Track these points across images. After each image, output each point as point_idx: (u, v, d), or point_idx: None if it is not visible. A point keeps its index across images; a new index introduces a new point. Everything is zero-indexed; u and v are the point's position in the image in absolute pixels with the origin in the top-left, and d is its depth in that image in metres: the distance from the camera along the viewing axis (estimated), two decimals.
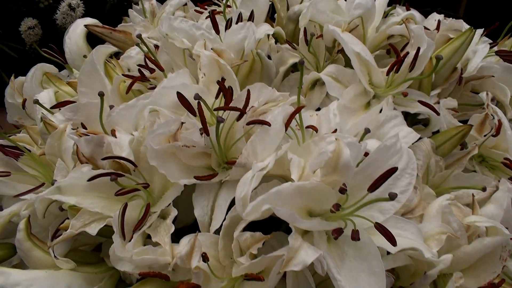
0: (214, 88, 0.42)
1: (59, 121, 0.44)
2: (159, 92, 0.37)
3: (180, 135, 0.34)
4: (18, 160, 0.43)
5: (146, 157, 0.38)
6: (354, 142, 0.32)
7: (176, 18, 0.44)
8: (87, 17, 0.64)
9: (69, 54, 0.62)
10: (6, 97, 0.59)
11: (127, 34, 0.59)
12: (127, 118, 0.41)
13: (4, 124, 0.83)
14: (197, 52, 0.42)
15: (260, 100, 0.36)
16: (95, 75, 0.49)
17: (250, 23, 0.42)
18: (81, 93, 0.50)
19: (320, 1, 0.50)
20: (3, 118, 0.84)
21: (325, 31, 0.47)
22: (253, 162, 0.34)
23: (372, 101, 0.46)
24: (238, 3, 0.54)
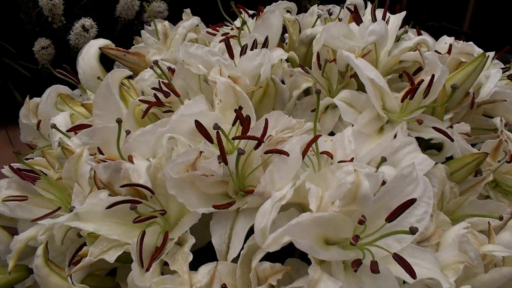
0: (229, 114, 0.42)
1: (75, 145, 0.45)
2: (177, 120, 0.38)
3: (199, 164, 0.34)
4: (34, 184, 0.44)
5: (162, 183, 0.39)
6: (372, 173, 0.33)
7: (192, 45, 0.44)
8: (100, 38, 0.65)
9: (83, 74, 0.63)
10: (20, 118, 0.59)
11: (140, 56, 0.59)
12: (143, 144, 0.42)
13: (16, 142, 0.84)
14: (213, 79, 0.42)
15: (277, 129, 0.37)
16: (110, 98, 0.50)
17: (266, 50, 0.43)
18: (96, 116, 0.50)
19: (333, 26, 0.50)
20: (15, 135, 0.85)
21: (339, 56, 0.48)
22: (271, 191, 0.35)
23: (385, 126, 0.47)
24: (251, 27, 0.55)
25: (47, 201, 0.44)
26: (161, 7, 0.85)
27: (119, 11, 0.78)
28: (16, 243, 0.41)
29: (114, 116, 0.50)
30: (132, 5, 0.77)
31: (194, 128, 0.38)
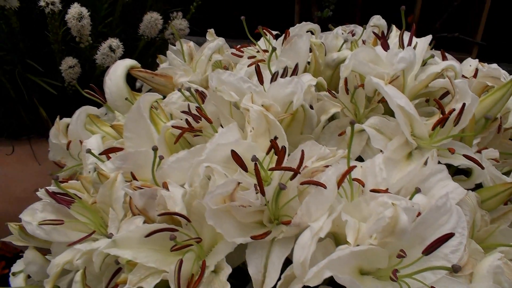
0: (261, 141, 0.43)
1: (109, 169, 0.46)
2: (213, 149, 0.38)
3: (237, 195, 0.35)
4: (70, 207, 0.45)
5: (197, 210, 0.39)
6: (410, 207, 0.33)
7: (224, 72, 0.45)
8: (126, 59, 0.67)
9: (109, 94, 0.64)
10: (50, 138, 0.60)
11: (167, 78, 0.61)
12: (178, 171, 0.43)
13: (39, 156, 0.86)
14: (245, 106, 0.43)
15: (313, 160, 0.37)
16: (141, 121, 0.51)
17: (298, 78, 0.43)
18: (127, 139, 0.51)
19: (361, 51, 0.51)
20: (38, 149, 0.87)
21: (367, 82, 0.48)
22: (307, 222, 0.35)
23: (414, 152, 0.47)
24: (278, 52, 0.56)
25: (82, 224, 0.45)
26: (182, 24, 0.86)
27: (142, 29, 0.79)
28: (53, 267, 0.42)
29: (144, 139, 0.51)
30: (156, 24, 0.78)
31: (228, 157, 0.39)
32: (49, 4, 0.64)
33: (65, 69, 0.69)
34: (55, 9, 0.65)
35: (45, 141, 0.85)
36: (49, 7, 0.64)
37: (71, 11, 0.64)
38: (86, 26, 0.65)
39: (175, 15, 0.90)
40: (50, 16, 0.66)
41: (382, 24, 0.65)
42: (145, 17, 0.79)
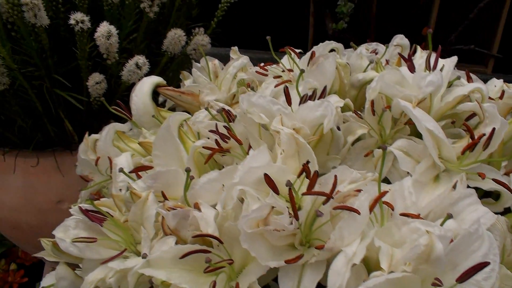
0: (291, 162, 0.44)
1: (140, 188, 0.47)
2: (246, 172, 0.39)
3: (271, 219, 0.36)
4: (102, 225, 0.46)
5: (229, 232, 0.40)
6: (444, 235, 0.33)
7: (254, 94, 0.46)
8: (152, 76, 0.68)
9: (136, 111, 0.66)
10: (79, 153, 0.62)
11: (194, 96, 0.62)
12: (209, 192, 0.44)
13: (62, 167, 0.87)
14: (275, 128, 0.44)
15: (345, 184, 0.38)
16: (169, 140, 0.52)
17: (328, 102, 0.44)
18: (155, 157, 0.53)
19: (387, 73, 0.51)
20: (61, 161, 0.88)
21: (395, 104, 0.49)
22: (339, 246, 0.36)
23: (441, 174, 0.47)
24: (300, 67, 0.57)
25: (113, 242, 0.46)
26: (204, 40, 0.88)
27: (166, 46, 0.81)
28: (87, 285, 0.43)
29: (173, 158, 0.52)
30: (179, 40, 0.79)
31: (260, 179, 0.40)
32: (79, 22, 0.66)
33: (92, 84, 0.71)
34: (84, 27, 0.66)
35: (69, 154, 0.87)
36: (78, 25, 0.66)
37: (100, 30, 0.65)
38: (114, 44, 0.67)
39: (197, 31, 0.92)
40: (79, 34, 0.68)
41: (405, 43, 0.66)
42: (169, 33, 0.80)
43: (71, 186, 0.88)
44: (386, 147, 0.39)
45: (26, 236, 0.93)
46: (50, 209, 0.89)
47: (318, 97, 0.49)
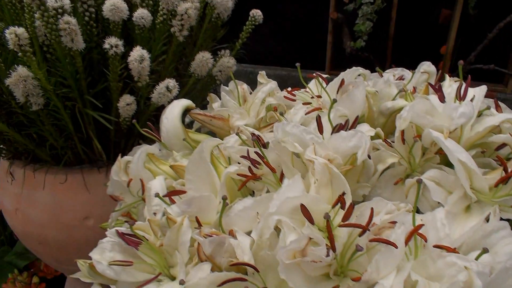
0: (324, 192, 0.45)
1: (175, 213, 0.48)
2: (283, 202, 0.40)
3: (309, 250, 0.36)
4: (138, 249, 0.47)
5: (264, 260, 0.41)
6: (483, 271, 0.34)
7: (288, 123, 0.47)
8: (182, 99, 0.70)
9: (166, 133, 0.67)
10: (111, 174, 0.63)
11: (224, 121, 0.63)
12: (244, 219, 0.45)
13: (89, 185, 0.89)
14: (309, 158, 0.45)
15: (380, 216, 0.38)
16: (202, 165, 0.53)
17: (362, 133, 0.45)
18: (188, 181, 0.54)
19: (417, 103, 0.52)
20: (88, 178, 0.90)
21: (426, 134, 0.49)
22: (375, 279, 0.36)
23: (472, 205, 0.47)
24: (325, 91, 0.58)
25: (148, 265, 0.47)
26: (230, 62, 0.90)
27: (193, 68, 0.83)
28: None
29: (205, 182, 0.53)
30: (207, 63, 0.81)
31: (295, 208, 0.41)
32: (113, 46, 0.68)
33: (122, 106, 0.73)
34: (118, 51, 0.69)
35: (95, 171, 0.89)
36: (112, 49, 0.68)
37: (133, 54, 0.68)
38: (146, 68, 0.69)
39: (222, 53, 0.94)
40: (112, 57, 0.70)
41: (432, 70, 0.67)
42: (197, 56, 0.82)
43: (97, 203, 0.90)
44: (422, 180, 0.40)
45: (52, 251, 0.95)
46: (76, 225, 0.91)
47: (350, 126, 0.50)
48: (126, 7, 0.73)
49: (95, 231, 0.92)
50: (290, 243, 0.36)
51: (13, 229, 0.99)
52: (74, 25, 0.67)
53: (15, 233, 1.00)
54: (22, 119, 0.80)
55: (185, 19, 0.77)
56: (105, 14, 0.72)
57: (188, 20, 0.77)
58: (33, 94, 0.72)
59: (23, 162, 0.89)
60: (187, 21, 0.77)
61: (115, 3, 0.71)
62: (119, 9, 0.71)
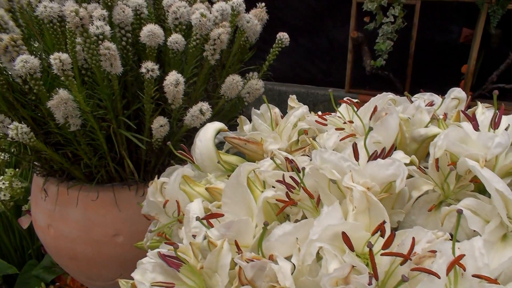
0: (362, 218, 0.46)
1: (214, 236, 0.50)
2: (324, 229, 0.41)
3: (351, 278, 0.37)
4: (179, 270, 0.48)
5: (304, 286, 0.42)
6: None
7: (326, 151, 0.49)
8: (215, 122, 0.72)
9: (199, 155, 0.69)
10: (148, 195, 0.65)
11: (258, 145, 0.65)
12: (284, 244, 0.46)
13: (120, 202, 0.91)
14: (347, 185, 0.46)
15: (421, 245, 0.39)
16: (239, 189, 0.55)
17: (400, 162, 0.46)
18: (224, 204, 0.55)
19: (451, 131, 0.53)
20: (119, 195, 0.92)
21: (461, 163, 0.50)
22: None
23: (509, 234, 0.48)
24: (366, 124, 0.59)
25: (188, 287, 0.49)
26: (258, 84, 0.92)
27: (223, 90, 0.85)
28: None
29: (241, 206, 0.55)
30: (237, 85, 0.84)
31: (334, 235, 0.42)
32: (149, 71, 0.71)
33: (156, 127, 0.75)
34: (154, 75, 0.71)
35: (126, 189, 0.92)
36: (149, 73, 0.71)
37: (169, 78, 0.70)
38: (180, 91, 0.71)
39: (251, 75, 0.96)
40: (147, 81, 0.72)
41: (462, 96, 0.68)
42: (227, 79, 0.84)
43: (127, 220, 0.92)
44: (462, 210, 0.41)
45: (81, 266, 0.97)
46: (106, 242, 0.93)
47: (385, 154, 0.51)
48: (162, 33, 0.76)
49: (124, 247, 0.94)
50: (334, 271, 0.37)
51: (44, 244, 1.02)
52: (114, 51, 0.70)
53: (46, 248, 1.02)
54: (59, 139, 0.83)
55: (218, 44, 0.79)
56: (143, 39, 0.75)
57: (221, 45, 0.80)
58: (72, 115, 0.75)
59: (57, 180, 0.92)
60: (219, 46, 0.80)
61: (152, 29, 0.74)
62: (155, 34, 0.74)
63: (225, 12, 0.86)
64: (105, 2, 0.75)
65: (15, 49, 0.70)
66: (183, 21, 0.82)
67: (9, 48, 0.70)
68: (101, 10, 0.74)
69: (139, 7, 0.80)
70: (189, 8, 0.85)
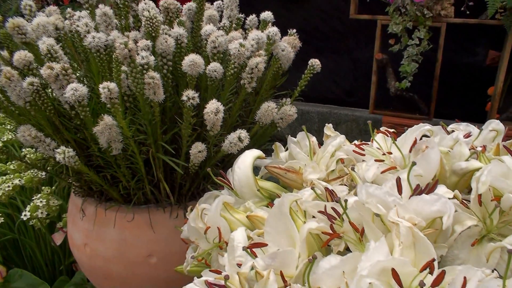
0: (407, 253, 0.46)
1: (260, 266, 0.51)
2: (374, 265, 0.42)
3: None
4: None
5: None
6: None
7: (371, 185, 0.50)
8: (254, 149, 0.74)
9: (238, 181, 0.71)
10: (189, 221, 0.67)
11: (298, 175, 0.66)
12: (330, 277, 0.47)
13: (155, 225, 0.93)
14: (393, 220, 0.47)
15: (472, 285, 0.40)
16: (282, 219, 0.56)
17: (446, 198, 0.47)
18: (267, 233, 0.57)
19: (494, 166, 0.53)
20: (154, 218, 0.95)
21: (505, 199, 0.51)
22: None
23: None
24: (409, 157, 0.60)
25: None
26: (291, 111, 0.94)
27: (258, 116, 0.87)
28: None
29: (284, 236, 0.56)
30: (272, 112, 0.86)
31: (382, 270, 0.43)
32: (190, 99, 0.74)
33: (194, 153, 0.77)
34: (194, 103, 0.74)
35: (161, 211, 0.94)
36: (189, 101, 0.74)
37: (209, 107, 0.72)
38: (220, 119, 0.73)
39: (284, 101, 0.98)
40: (187, 108, 0.75)
41: (500, 128, 0.68)
42: (262, 106, 0.87)
43: (161, 242, 0.94)
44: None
45: (115, 285, 0.99)
46: (140, 262, 0.95)
47: (429, 189, 0.51)
48: (203, 62, 0.79)
49: (157, 268, 0.96)
50: None
51: (79, 262, 1.04)
52: (158, 80, 0.73)
53: (81, 266, 1.05)
54: (100, 162, 0.86)
55: (255, 73, 0.82)
56: (184, 68, 0.78)
57: (258, 73, 0.82)
58: (115, 140, 0.78)
59: (95, 200, 0.95)
60: (256, 74, 0.82)
61: (194, 59, 0.77)
62: (197, 64, 0.77)
63: (260, 41, 0.89)
64: (149, 33, 0.78)
65: (65, 78, 0.73)
66: (221, 49, 0.85)
67: (59, 77, 0.73)
68: (145, 41, 0.77)
69: (180, 37, 0.83)
70: (226, 37, 0.88)
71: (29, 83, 0.74)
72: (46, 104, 0.79)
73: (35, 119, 0.84)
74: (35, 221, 1.12)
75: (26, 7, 0.89)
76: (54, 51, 0.77)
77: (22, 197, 1.28)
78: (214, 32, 0.86)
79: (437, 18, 2.07)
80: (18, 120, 0.85)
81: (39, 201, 1.10)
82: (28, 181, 1.15)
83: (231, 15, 1.01)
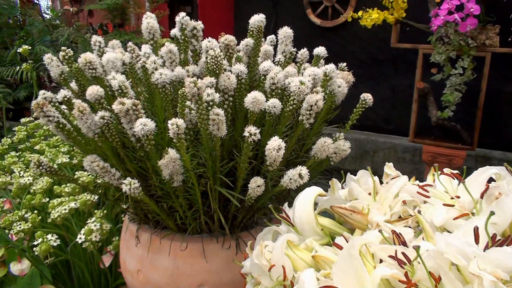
0: None
1: None
2: None
3: None
4: None
5: None
6: None
7: (449, 235, 0.50)
8: (314, 186, 0.75)
9: (299, 218, 0.72)
10: (253, 257, 0.68)
11: (363, 216, 0.67)
12: None
13: (207, 255, 0.95)
14: (474, 272, 0.46)
15: None
16: (352, 262, 0.56)
17: None
18: (335, 275, 0.57)
19: None
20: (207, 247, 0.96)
21: None
22: None
23: None
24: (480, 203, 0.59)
25: None
26: (345, 145, 0.94)
27: (314, 151, 0.88)
28: None
29: (353, 279, 0.56)
30: (328, 148, 0.86)
31: None
32: (252, 135, 0.76)
33: (253, 187, 0.79)
34: (255, 139, 0.76)
35: (214, 241, 0.95)
36: (251, 137, 0.75)
37: (271, 144, 0.74)
38: (281, 155, 0.75)
39: (337, 135, 0.99)
40: (248, 143, 0.77)
41: None
42: (319, 141, 0.88)
43: (212, 271, 0.96)
44: None
45: None
46: None
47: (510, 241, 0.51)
48: (264, 99, 0.81)
49: None
50: None
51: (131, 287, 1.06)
52: (222, 116, 0.76)
53: None
54: (159, 192, 0.89)
55: (314, 109, 0.83)
56: (247, 105, 0.80)
57: (317, 110, 0.84)
58: (177, 173, 0.81)
59: (150, 228, 0.98)
60: (315, 111, 0.84)
61: (256, 96, 0.79)
62: (259, 101, 0.79)
63: (317, 77, 0.91)
64: (214, 70, 0.81)
65: (135, 113, 0.77)
66: (279, 85, 0.87)
67: (129, 111, 0.77)
68: (210, 78, 0.80)
69: (240, 73, 0.86)
70: (282, 72, 0.91)
71: (101, 116, 0.78)
72: (113, 136, 0.83)
73: (100, 149, 0.88)
74: (88, 243, 1.15)
75: (96, 43, 0.95)
76: (124, 87, 0.81)
77: (74, 219, 1.33)
78: (272, 68, 0.89)
79: (481, 48, 2.05)
80: (84, 150, 0.90)
81: (93, 224, 1.14)
82: (82, 204, 1.20)
83: (285, 50, 1.03)
